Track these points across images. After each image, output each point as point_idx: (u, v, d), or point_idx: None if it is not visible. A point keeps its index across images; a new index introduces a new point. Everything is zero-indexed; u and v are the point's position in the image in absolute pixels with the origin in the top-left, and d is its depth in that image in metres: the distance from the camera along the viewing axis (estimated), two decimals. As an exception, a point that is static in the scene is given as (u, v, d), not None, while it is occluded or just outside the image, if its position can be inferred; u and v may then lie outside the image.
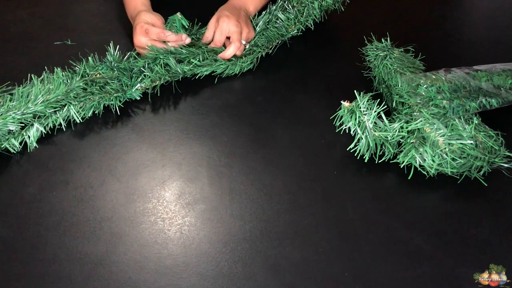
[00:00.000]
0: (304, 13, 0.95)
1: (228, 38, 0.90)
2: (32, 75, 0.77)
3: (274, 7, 0.97)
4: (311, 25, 0.96)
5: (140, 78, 0.82)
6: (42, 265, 0.60)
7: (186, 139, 0.77)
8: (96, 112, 0.79)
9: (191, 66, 0.85)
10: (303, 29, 0.97)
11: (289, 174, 0.72)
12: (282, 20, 0.95)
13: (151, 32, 0.86)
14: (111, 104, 0.80)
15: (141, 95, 0.82)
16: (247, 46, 0.91)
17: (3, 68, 0.90)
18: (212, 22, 0.91)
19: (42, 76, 0.78)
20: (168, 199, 0.68)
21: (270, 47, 0.94)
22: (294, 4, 0.96)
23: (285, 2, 0.97)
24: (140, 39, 0.87)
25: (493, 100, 0.75)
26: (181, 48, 0.87)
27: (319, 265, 0.60)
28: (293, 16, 0.95)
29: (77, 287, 0.57)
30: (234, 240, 0.63)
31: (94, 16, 1.08)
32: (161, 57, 0.84)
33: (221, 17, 0.90)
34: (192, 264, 0.60)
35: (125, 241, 0.63)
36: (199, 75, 0.86)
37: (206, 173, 0.72)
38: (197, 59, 0.86)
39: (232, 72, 0.89)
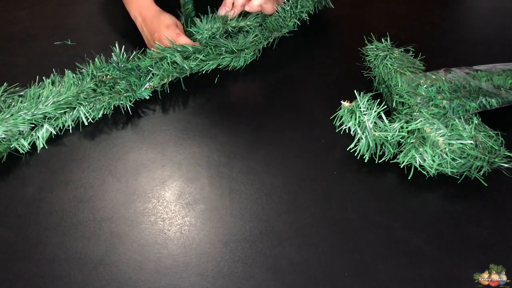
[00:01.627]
0: (298, 5, 0.99)
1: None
2: (44, 78, 0.77)
3: None
4: (306, 18, 0.98)
5: (149, 77, 0.82)
6: (42, 265, 0.60)
7: (186, 139, 0.77)
8: (106, 112, 0.79)
9: (197, 61, 0.86)
10: (299, 23, 0.98)
11: (289, 174, 0.72)
12: (278, 11, 0.97)
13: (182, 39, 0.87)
14: (121, 104, 0.80)
15: (150, 94, 0.82)
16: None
17: (3, 68, 0.90)
18: None
19: (51, 78, 0.78)
20: (168, 199, 0.68)
21: (270, 38, 0.95)
22: None
23: None
24: (182, 39, 0.87)
25: (493, 100, 0.75)
26: (187, 46, 0.87)
27: (319, 265, 0.60)
28: (288, 8, 0.98)
29: (77, 287, 0.57)
30: (234, 240, 0.63)
31: (94, 16, 1.08)
32: (167, 55, 0.84)
33: None
34: (192, 264, 0.60)
35: (125, 241, 0.63)
36: (205, 70, 0.87)
37: (206, 173, 0.72)
38: (202, 55, 0.86)
39: (237, 64, 0.89)
